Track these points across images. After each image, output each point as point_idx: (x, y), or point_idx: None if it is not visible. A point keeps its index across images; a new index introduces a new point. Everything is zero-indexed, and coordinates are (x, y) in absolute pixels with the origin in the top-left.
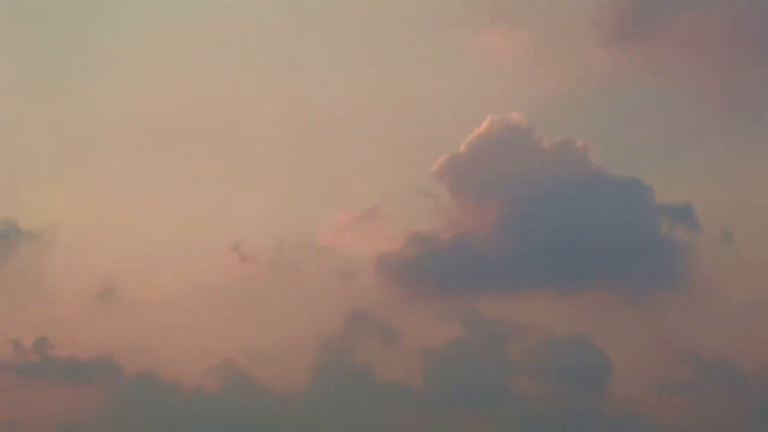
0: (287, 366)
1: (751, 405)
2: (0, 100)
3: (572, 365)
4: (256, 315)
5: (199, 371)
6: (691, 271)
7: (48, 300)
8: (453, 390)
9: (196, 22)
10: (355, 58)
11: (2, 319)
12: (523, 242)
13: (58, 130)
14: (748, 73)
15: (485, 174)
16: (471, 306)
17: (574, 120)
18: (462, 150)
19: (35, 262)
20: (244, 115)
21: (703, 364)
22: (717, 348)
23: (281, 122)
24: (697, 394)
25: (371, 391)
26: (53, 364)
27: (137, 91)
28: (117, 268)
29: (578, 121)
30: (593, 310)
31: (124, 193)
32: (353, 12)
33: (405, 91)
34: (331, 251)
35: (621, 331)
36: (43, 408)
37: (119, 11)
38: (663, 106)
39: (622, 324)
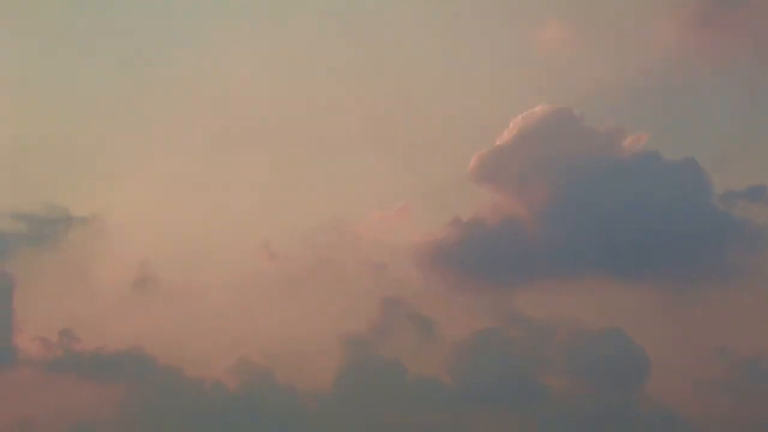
0: (317, 361)
1: None
2: (56, 92)
3: (608, 360)
4: (288, 309)
5: (226, 367)
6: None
7: (87, 288)
8: (485, 385)
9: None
10: (409, 51)
11: (38, 308)
12: (566, 230)
13: (116, 120)
14: None
15: (531, 161)
16: (506, 298)
17: (626, 108)
18: (508, 138)
19: (81, 249)
20: (285, 113)
21: (743, 361)
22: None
23: (320, 119)
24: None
25: (401, 386)
26: (78, 358)
27: (192, 87)
28: (156, 257)
29: (631, 109)
30: (633, 301)
31: (170, 185)
32: (407, 7)
33: (457, 82)
34: (367, 243)
35: (662, 324)
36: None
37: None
38: (719, 94)
39: (664, 317)
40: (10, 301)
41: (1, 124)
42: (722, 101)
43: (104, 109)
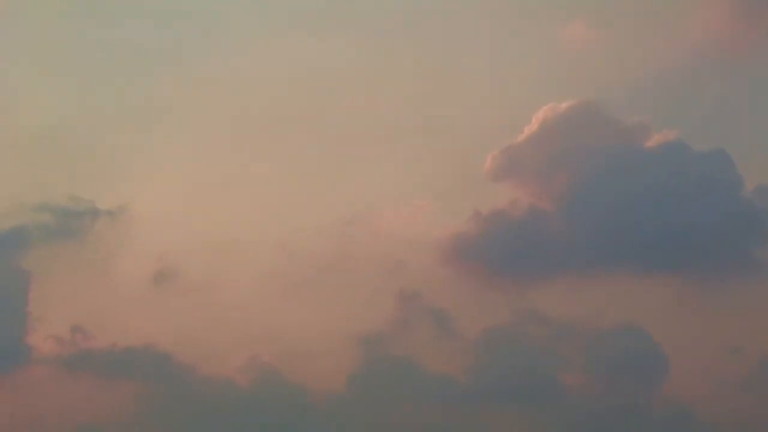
0: (332, 359)
1: None
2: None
3: (626, 358)
4: (305, 305)
5: (239, 365)
6: None
7: (105, 283)
8: (501, 383)
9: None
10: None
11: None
12: (589, 225)
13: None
14: None
15: (555, 155)
16: (525, 293)
17: (654, 102)
18: (530, 132)
19: (102, 243)
20: (306, 109)
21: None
22: None
23: (340, 115)
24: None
25: (416, 385)
26: (91, 355)
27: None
28: (176, 252)
29: (659, 103)
30: (655, 298)
31: (192, 179)
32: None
33: (481, 78)
34: (386, 239)
35: (683, 321)
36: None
37: None
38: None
39: (686, 314)
40: (26, 297)
41: (26, 116)
42: (752, 94)
43: (129, 102)
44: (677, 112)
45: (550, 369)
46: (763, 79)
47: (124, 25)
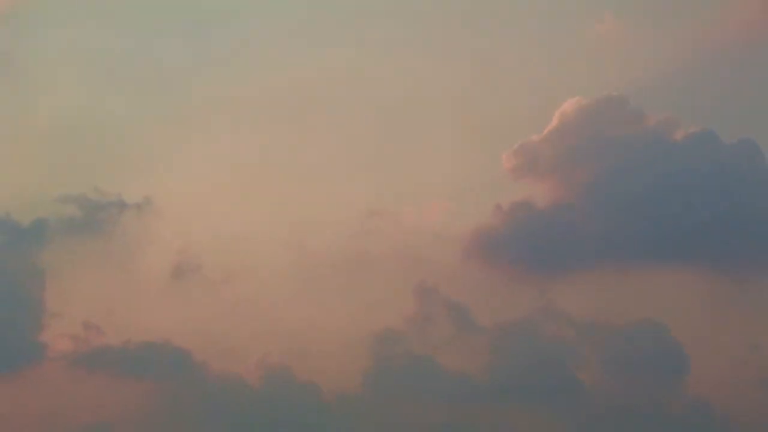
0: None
1: None
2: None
3: (646, 355)
4: (324, 302)
5: (251, 362)
6: None
7: (125, 277)
8: (520, 381)
9: None
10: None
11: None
12: (614, 218)
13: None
14: None
15: (578, 148)
16: (545, 289)
17: (681, 94)
18: (554, 126)
19: (123, 236)
20: (330, 104)
21: None
22: None
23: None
24: None
25: (433, 382)
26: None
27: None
28: (196, 246)
29: (687, 96)
30: (678, 293)
31: (216, 173)
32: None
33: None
34: (406, 234)
35: (705, 317)
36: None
37: None
38: None
39: (709, 309)
40: (42, 293)
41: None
42: None
43: (156, 98)
44: (706, 105)
45: (570, 366)
46: None
47: (149, 20)
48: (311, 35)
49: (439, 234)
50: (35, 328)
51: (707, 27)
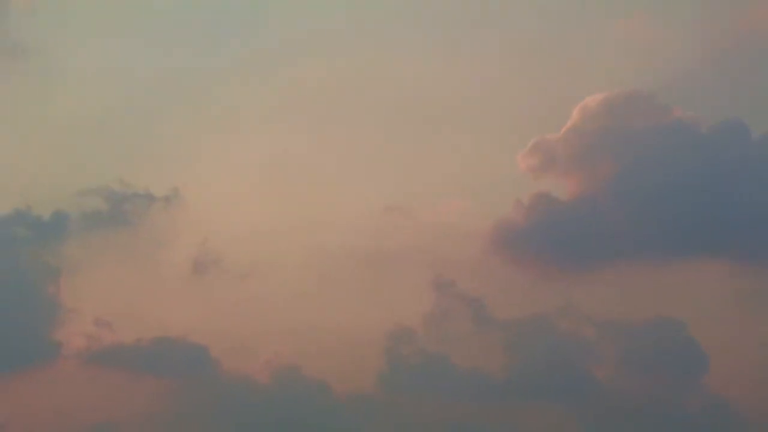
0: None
1: None
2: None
3: (664, 352)
4: (343, 298)
5: (262, 361)
6: None
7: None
8: (538, 379)
9: None
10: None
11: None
12: (638, 212)
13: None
14: None
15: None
16: (561, 285)
17: (703, 94)
18: (576, 121)
19: (145, 230)
20: (350, 101)
21: None
22: None
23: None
24: None
25: (448, 380)
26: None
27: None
28: (216, 240)
29: (716, 92)
30: (692, 289)
31: (240, 168)
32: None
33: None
34: (425, 231)
35: (726, 314)
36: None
37: None
38: None
39: (730, 306)
40: (60, 288)
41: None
42: None
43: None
44: (733, 98)
45: (587, 363)
46: None
47: (178, 18)
48: (329, 38)
49: (456, 230)
50: (52, 324)
51: (734, 22)
